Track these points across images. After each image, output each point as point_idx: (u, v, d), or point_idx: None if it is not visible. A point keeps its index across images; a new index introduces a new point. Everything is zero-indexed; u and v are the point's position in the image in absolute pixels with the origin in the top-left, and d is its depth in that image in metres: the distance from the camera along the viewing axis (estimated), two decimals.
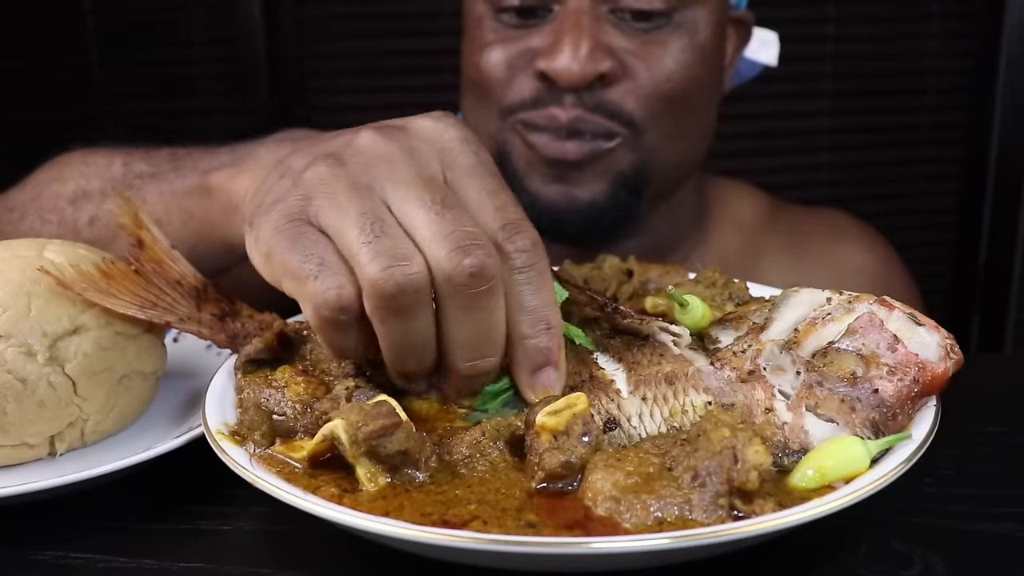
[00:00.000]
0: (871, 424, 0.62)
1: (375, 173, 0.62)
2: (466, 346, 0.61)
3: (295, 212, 0.62)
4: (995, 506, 0.68)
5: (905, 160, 2.45)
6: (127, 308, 0.74)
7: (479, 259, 0.59)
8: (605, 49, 1.09)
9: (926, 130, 2.44)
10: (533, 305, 0.62)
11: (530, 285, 0.62)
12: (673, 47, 1.12)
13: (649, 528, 0.54)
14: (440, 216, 0.60)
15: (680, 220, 1.28)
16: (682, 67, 1.13)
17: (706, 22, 1.15)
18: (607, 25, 1.10)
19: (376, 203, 0.61)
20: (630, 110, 1.11)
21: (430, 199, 0.61)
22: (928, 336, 0.64)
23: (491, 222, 0.62)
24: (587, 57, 1.07)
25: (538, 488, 0.59)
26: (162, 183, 0.96)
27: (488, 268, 0.59)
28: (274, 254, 0.62)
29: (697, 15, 1.14)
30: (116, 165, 1.02)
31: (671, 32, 1.12)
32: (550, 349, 0.63)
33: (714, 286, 0.77)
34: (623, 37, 1.11)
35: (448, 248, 0.59)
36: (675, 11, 1.12)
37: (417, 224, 0.60)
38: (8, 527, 0.69)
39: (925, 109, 2.43)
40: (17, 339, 0.71)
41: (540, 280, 0.62)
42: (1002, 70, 2.30)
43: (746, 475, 0.54)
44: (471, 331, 0.61)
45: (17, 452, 0.73)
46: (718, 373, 0.66)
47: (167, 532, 0.68)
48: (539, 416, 0.60)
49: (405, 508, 0.57)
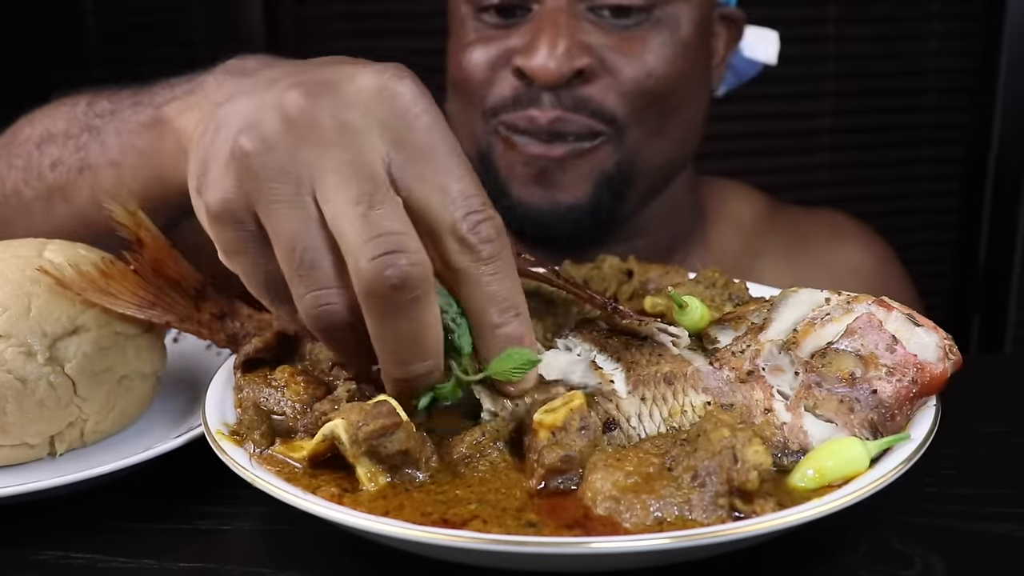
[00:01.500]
0: (869, 425, 0.62)
1: (304, 160, 0.58)
2: (395, 353, 0.59)
3: (232, 205, 0.59)
4: (995, 506, 0.68)
5: (905, 160, 2.45)
6: (126, 308, 0.74)
7: (402, 270, 0.56)
8: (582, 46, 1.09)
9: (926, 130, 2.43)
10: (501, 294, 0.60)
11: (496, 275, 0.60)
12: (653, 43, 1.12)
13: (649, 528, 0.54)
14: (364, 218, 0.56)
15: (678, 222, 1.28)
16: (663, 63, 1.12)
17: (688, 18, 1.14)
18: (585, 23, 1.10)
19: (306, 214, 0.58)
20: (612, 107, 1.11)
21: (356, 195, 0.57)
22: (927, 337, 0.64)
23: (451, 211, 0.58)
24: (564, 55, 1.07)
25: (538, 488, 0.59)
26: (118, 121, 0.92)
27: (412, 278, 0.56)
28: (223, 255, 0.62)
29: (679, 11, 1.13)
30: (80, 105, 0.97)
31: (651, 28, 1.12)
32: (521, 335, 0.62)
33: (714, 286, 0.77)
34: (602, 34, 1.11)
35: (369, 255, 0.56)
36: (654, 7, 1.12)
37: (344, 228, 0.57)
38: (8, 527, 0.69)
39: (925, 109, 2.42)
40: (17, 339, 0.71)
41: (506, 268, 0.60)
42: (1003, 70, 2.30)
43: (746, 475, 0.55)
44: (397, 340, 0.58)
45: (17, 452, 0.73)
46: (717, 373, 0.66)
47: (167, 532, 0.68)
48: (537, 414, 0.60)
49: (405, 508, 0.57)
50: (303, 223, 0.58)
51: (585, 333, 0.70)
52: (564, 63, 1.07)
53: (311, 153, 0.58)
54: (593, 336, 0.70)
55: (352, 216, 0.56)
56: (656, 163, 1.18)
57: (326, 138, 0.58)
